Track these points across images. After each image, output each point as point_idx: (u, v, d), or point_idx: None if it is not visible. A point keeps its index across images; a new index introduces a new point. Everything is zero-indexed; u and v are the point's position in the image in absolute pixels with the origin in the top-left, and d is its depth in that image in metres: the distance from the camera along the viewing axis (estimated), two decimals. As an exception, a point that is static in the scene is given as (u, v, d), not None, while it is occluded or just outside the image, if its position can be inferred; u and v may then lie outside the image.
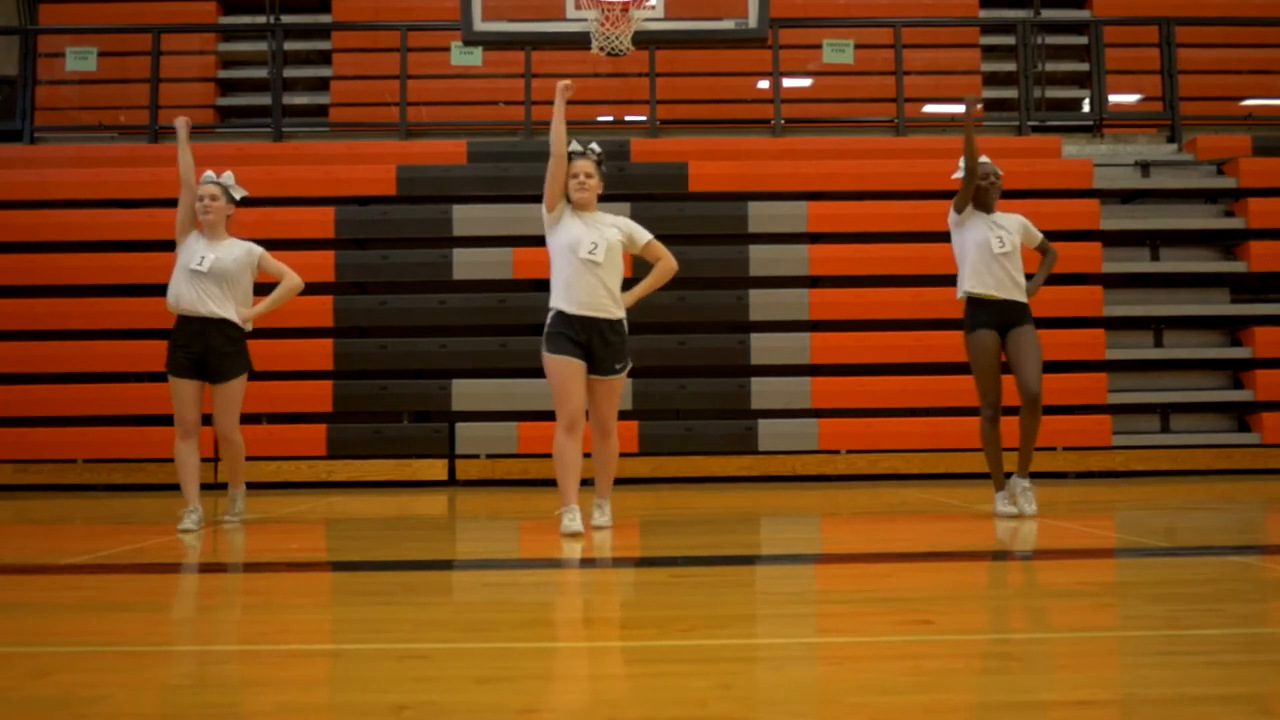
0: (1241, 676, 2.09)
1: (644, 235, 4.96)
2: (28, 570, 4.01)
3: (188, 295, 5.21)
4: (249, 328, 5.38)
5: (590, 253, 4.73)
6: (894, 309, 8.72)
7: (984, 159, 5.56)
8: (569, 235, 4.79)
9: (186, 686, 2.13)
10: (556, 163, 4.84)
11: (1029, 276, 5.55)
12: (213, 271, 5.20)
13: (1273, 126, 10.33)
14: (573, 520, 4.66)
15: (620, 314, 4.83)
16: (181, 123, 5.41)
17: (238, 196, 5.44)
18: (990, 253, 5.33)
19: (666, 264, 4.98)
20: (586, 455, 4.91)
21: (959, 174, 5.61)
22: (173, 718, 1.91)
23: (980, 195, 5.46)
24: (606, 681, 2.16)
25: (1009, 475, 5.49)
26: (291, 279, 5.46)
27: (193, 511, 5.16)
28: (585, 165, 4.88)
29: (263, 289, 5.48)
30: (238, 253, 5.32)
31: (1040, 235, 5.55)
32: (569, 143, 4.94)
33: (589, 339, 4.74)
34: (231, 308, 5.27)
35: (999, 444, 5.44)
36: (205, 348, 5.22)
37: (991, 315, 5.35)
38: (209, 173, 5.44)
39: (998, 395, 5.37)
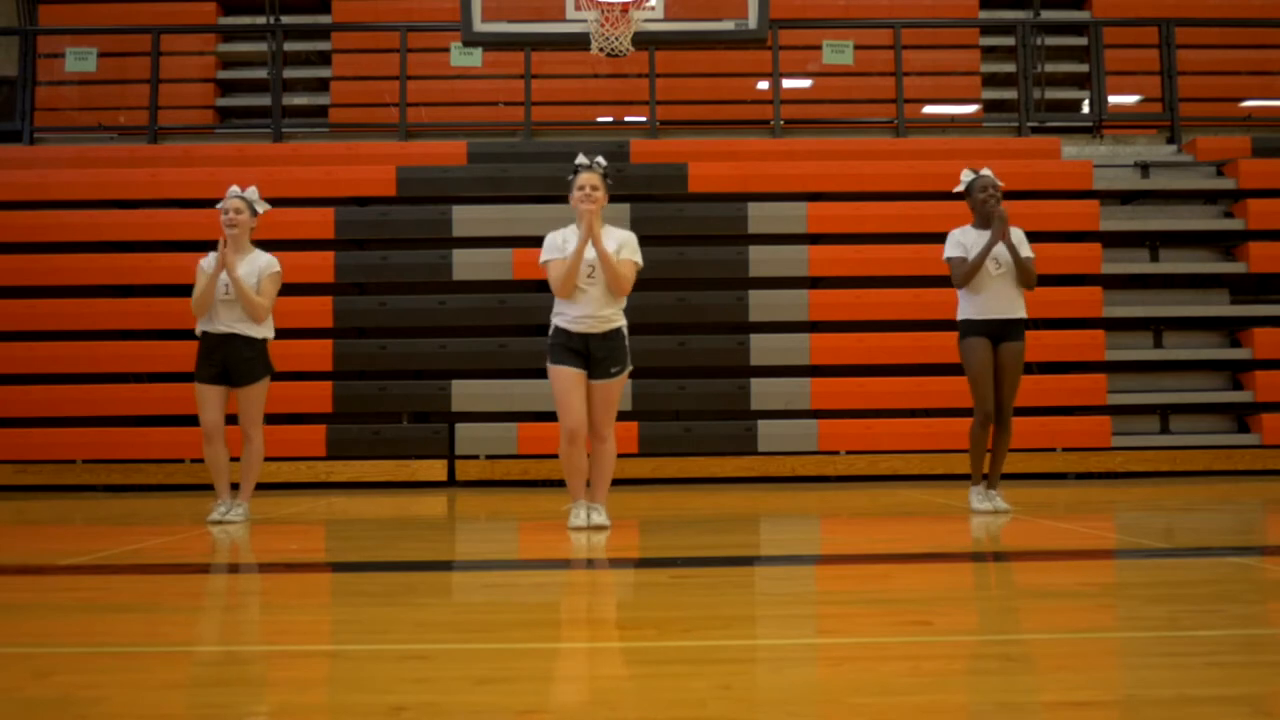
0: (1241, 677, 2.09)
1: (631, 256, 4.95)
2: (27, 571, 4.01)
3: (216, 318, 5.46)
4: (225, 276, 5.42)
5: (589, 277, 4.87)
6: (893, 310, 8.72)
7: (985, 171, 5.60)
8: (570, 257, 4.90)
9: (186, 687, 2.13)
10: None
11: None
12: (237, 293, 5.44)
13: (1272, 128, 10.33)
14: (578, 516, 4.93)
15: (619, 322, 4.96)
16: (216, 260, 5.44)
17: (260, 210, 5.68)
18: (987, 275, 5.48)
19: (625, 271, 4.89)
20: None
21: (959, 188, 5.66)
22: (172, 718, 1.91)
23: (980, 209, 5.53)
24: (606, 682, 2.16)
25: (984, 477, 5.68)
26: (259, 304, 5.47)
27: (221, 505, 5.53)
28: (591, 178, 4.93)
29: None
30: (258, 266, 5.53)
31: (1029, 253, 5.52)
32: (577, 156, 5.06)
33: (586, 347, 4.89)
34: (252, 323, 5.51)
35: (985, 446, 5.61)
36: (228, 357, 5.48)
37: (984, 329, 5.53)
38: (234, 187, 5.67)
39: (992, 400, 5.52)
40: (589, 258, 4.87)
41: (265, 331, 5.57)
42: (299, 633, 2.74)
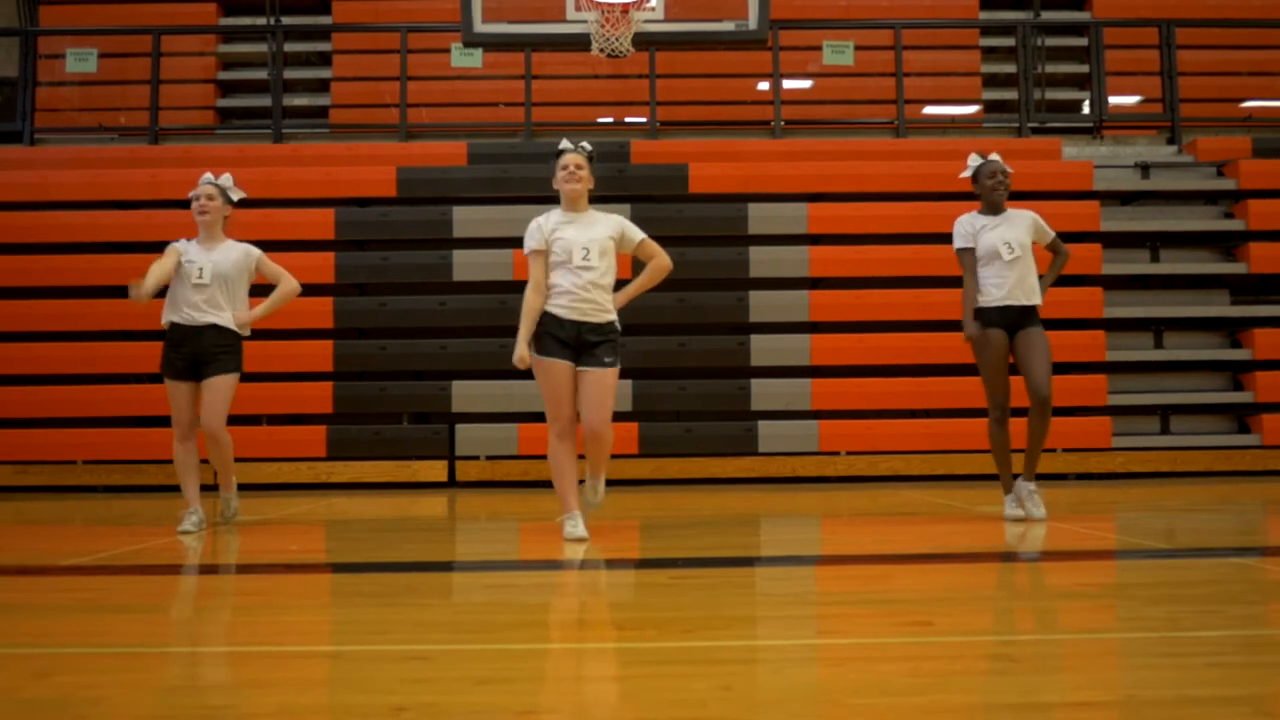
0: (1241, 678, 2.09)
1: (637, 234, 4.85)
2: (28, 571, 4.01)
3: (187, 307, 5.21)
4: (246, 332, 5.37)
5: (583, 259, 4.64)
6: (894, 310, 8.72)
7: (994, 156, 5.48)
8: (561, 241, 4.69)
9: (186, 688, 2.13)
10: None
11: (1040, 277, 5.53)
12: (213, 280, 5.21)
13: (1272, 128, 10.33)
14: (575, 526, 4.55)
15: (611, 315, 4.72)
16: (141, 294, 5.10)
17: (235, 198, 5.43)
18: (1001, 261, 5.26)
19: (660, 263, 4.88)
20: (582, 457, 4.84)
21: (966, 173, 5.55)
22: (172, 719, 1.91)
23: (988, 195, 5.41)
24: (605, 683, 2.16)
25: (1016, 477, 5.38)
26: (289, 283, 5.43)
27: (193, 514, 5.13)
28: (575, 158, 4.80)
29: (260, 290, 5.49)
30: (235, 256, 5.29)
31: (1052, 234, 5.50)
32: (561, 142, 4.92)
33: (577, 337, 4.64)
34: (228, 313, 5.26)
35: (1008, 446, 5.33)
36: (198, 348, 5.22)
37: (999, 317, 5.29)
38: (207, 174, 5.44)
39: (1006, 396, 5.28)
40: (583, 242, 4.65)
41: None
42: (299, 633, 2.74)
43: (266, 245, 5.72)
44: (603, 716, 1.86)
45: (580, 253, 4.64)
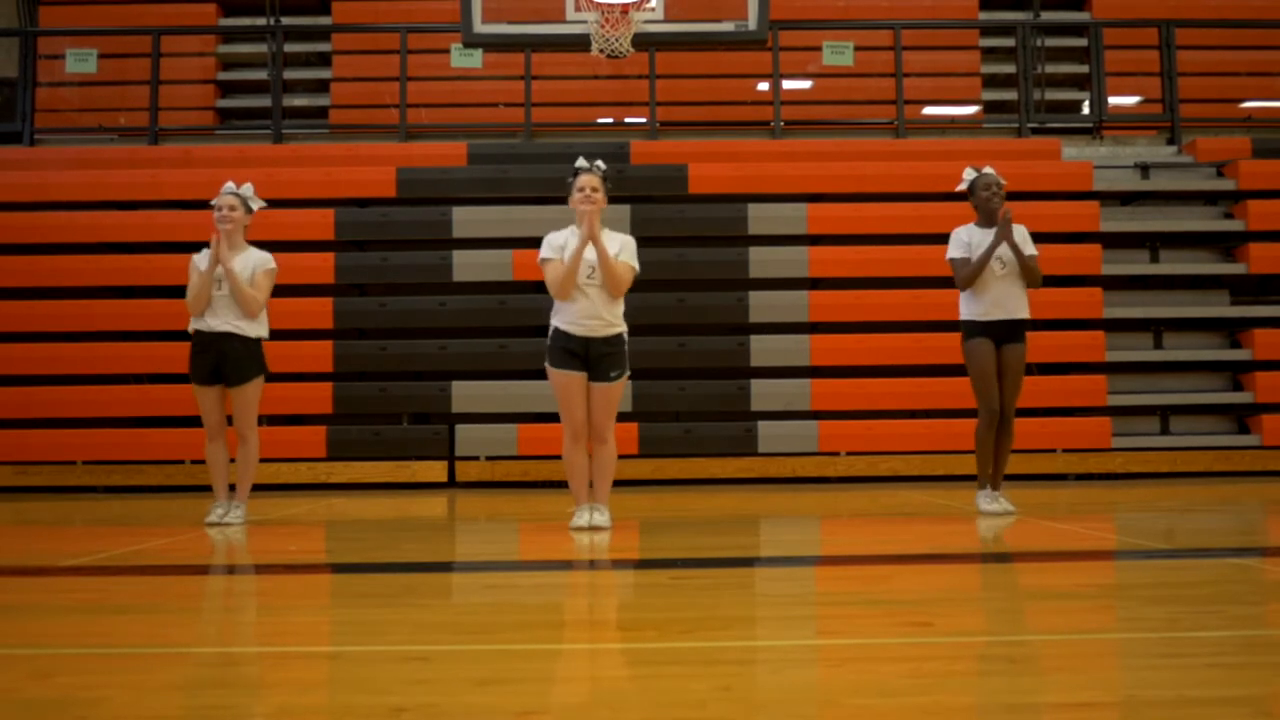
0: (1241, 678, 2.09)
1: (629, 259, 4.96)
2: (28, 572, 4.01)
3: (207, 314, 5.41)
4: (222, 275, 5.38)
5: (589, 277, 4.88)
6: (893, 311, 8.72)
7: (988, 169, 5.58)
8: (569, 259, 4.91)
9: (186, 688, 2.13)
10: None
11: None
12: (229, 288, 5.40)
13: (1272, 129, 10.32)
14: (580, 516, 4.97)
15: (619, 328, 4.98)
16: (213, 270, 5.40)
17: (255, 207, 5.62)
18: (992, 275, 5.45)
19: (624, 273, 4.93)
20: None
21: (962, 186, 5.64)
22: (172, 719, 1.91)
23: (984, 206, 5.51)
24: (606, 683, 2.16)
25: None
26: (256, 296, 5.43)
27: (219, 506, 5.51)
28: (591, 180, 4.96)
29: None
30: (252, 263, 5.48)
31: (1034, 251, 5.52)
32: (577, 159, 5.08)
33: (586, 351, 4.92)
34: (245, 320, 5.44)
35: (992, 447, 5.56)
36: (220, 356, 5.43)
37: (987, 330, 5.51)
38: (229, 183, 5.61)
39: (996, 399, 5.48)
40: (589, 259, 4.88)
41: (260, 330, 5.51)
42: (299, 634, 2.74)
43: (267, 245, 5.76)
44: (602, 717, 1.86)
45: (586, 270, 4.89)
